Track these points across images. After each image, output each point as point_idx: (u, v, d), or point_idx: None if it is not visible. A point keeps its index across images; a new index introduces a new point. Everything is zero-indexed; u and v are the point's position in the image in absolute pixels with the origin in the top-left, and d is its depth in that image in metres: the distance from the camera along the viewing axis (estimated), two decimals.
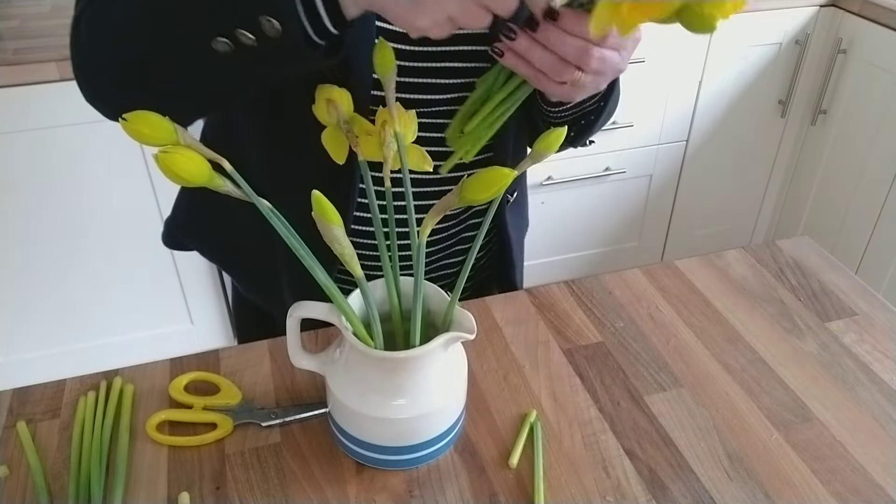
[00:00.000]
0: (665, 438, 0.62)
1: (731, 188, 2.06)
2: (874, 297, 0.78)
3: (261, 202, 0.48)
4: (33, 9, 1.56)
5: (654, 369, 0.69)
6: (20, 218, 1.48)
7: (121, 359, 1.70)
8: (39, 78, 1.33)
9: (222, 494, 0.57)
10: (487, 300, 0.77)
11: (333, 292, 0.52)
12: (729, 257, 0.85)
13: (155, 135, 0.44)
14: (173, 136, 0.45)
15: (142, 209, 1.54)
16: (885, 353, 0.71)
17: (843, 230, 1.89)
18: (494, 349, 0.71)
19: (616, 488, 0.58)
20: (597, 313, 0.76)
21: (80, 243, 1.55)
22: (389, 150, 0.54)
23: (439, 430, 0.57)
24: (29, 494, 0.57)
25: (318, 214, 0.45)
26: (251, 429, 0.62)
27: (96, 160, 1.45)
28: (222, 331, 1.80)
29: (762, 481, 0.59)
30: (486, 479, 0.59)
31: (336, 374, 0.57)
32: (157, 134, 0.44)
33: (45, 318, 1.62)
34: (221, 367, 0.69)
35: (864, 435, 0.63)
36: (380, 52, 0.53)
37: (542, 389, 0.67)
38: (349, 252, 0.48)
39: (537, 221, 1.96)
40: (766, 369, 0.69)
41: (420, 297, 0.53)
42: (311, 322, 0.57)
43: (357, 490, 0.57)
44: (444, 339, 0.52)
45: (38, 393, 0.66)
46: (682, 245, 2.13)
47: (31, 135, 1.39)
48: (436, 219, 0.50)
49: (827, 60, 1.85)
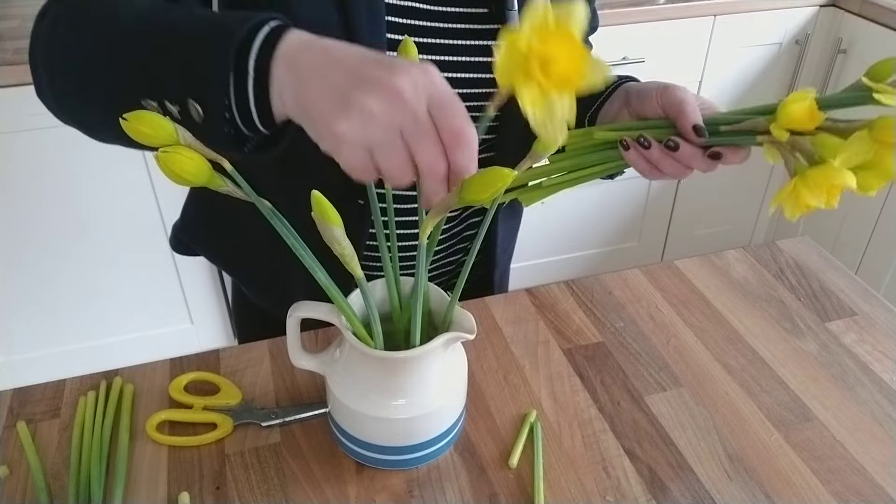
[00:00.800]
0: (665, 438, 0.62)
1: (731, 188, 2.06)
2: (874, 297, 0.78)
3: (261, 202, 0.48)
4: (33, 9, 1.55)
5: (654, 369, 0.69)
6: (20, 218, 1.48)
7: (121, 359, 1.70)
8: None
9: (222, 494, 0.57)
10: (487, 300, 0.77)
11: (333, 293, 0.52)
12: (729, 257, 0.85)
13: (155, 134, 0.44)
14: (174, 135, 0.45)
15: (142, 209, 1.54)
16: (885, 353, 0.71)
17: (843, 230, 1.89)
18: (494, 349, 0.71)
19: (616, 488, 0.58)
20: (597, 313, 0.76)
21: (80, 243, 1.55)
22: None
23: (439, 430, 0.57)
24: (29, 494, 0.57)
25: (318, 215, 0.45)
26: (251, 429, 0.62)
27: (96, 160, 1.45)
28: (222, 331, 1.80)
29: (762, 481, 0.59)
30: (486, 479, 0.59)
31: (336, 374, 0.57)
32: (158, 134, 0.44)
33: (45, 318, 1.62)
34: (221, 367, 0.69)
35: (864, 435, 0.63)
36: (404, 51, 0.53)
37: (542, 389, 0.67)
38: (349, 252, 0.48)
39: (537, 221, 1.96)
40: (766, 369, 0.69)
41: (421, 296, 0.53)
42: (311, 322, 0.57)
43: (357, 490, 0.57)
44: (444, 339, 0.52)
45: (38, 393, 0.66)
46: (682, 245, 2.13)
47: (31, 135, 1.39)
48: (436, 219, 0.50)
49: (827, 60, 1.85)
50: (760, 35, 1.80)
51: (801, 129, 0.48)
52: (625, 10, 1.62)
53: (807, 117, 0.47)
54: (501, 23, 0.67)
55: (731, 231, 2.17)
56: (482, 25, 0.67)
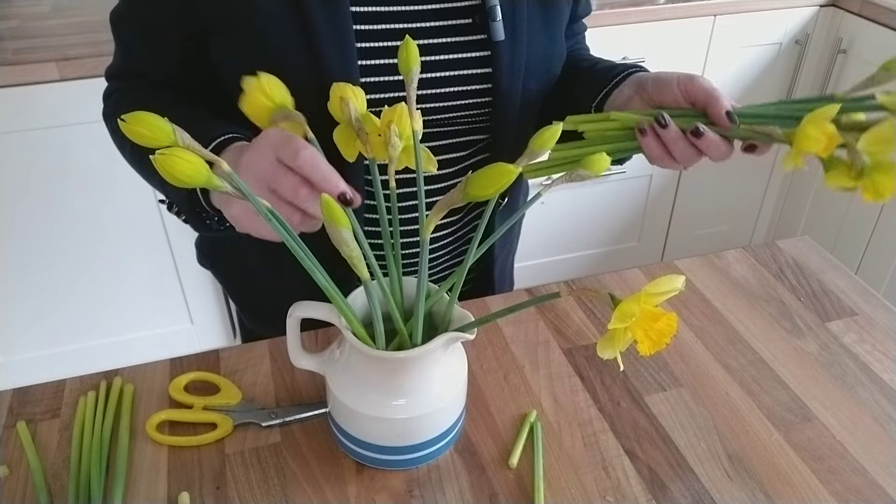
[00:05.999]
0: (665, 438, 0.62)
1: (731, 188, 2.06)
2: (874, 297, 0.78)
3: (258, 202, 0.48)
4: (33, 9, 1.55)
5: (654, 369, 0.69)
6: (19, 218, 1.48)
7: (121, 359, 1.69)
8: (39, 78, 1.33)
9: (222, 494, 0.57)
10: (487, 300, 0.77)
11: (333, 293, 0.52)
12: (729, 257, 0.85)
13: (153, 136, 0.44)
14: (171, 137, 0.45)
15: (142, 209, 1.54)
16: (885, 353, 0.71)
17: (843, 230, 1.89)
18: (494, 349, 0.71)
19: (616, 488, 0.58)
20: (597, 313, 0.76)
21: (80, 243, 1.55)
22: (395, 150, 0.54)
23: (439, 430, 0.57)
24: (29, 494, 0.57)
25: (328, 217, 0.45)
26: (251, 429, 0.62)
27: (96, 160, 1.45)
28: (222, 331, 1.80)
29: (762, 481, 0.59)
30: (486, 479, 0.59)
31: (336, 374, 0.57)
32: (156, 135, 0.44)
33: (45, 318, 1.62)
34: (221, 367, 0.69)
35: (864, 435, 0.63)
36: (404, 50, 0.53)
37: (542, 389, 0.67)
38: (357, 254, 0.48)
39: (537, 221, 1.96)
40: (766, 369, 0.69)
41: (423, 295, 0.53)
42: (311, 322, 0.57)
43: (357, 490, 0.57)
44: (444, 339, 0.52)
45: (38, 393, 0.66)
46: (682, 245, 2.13)
47: (31, 135, 1.39)
48: (439, 216, 0.50)
49: (827, 60, 1.85)
50: (760, 35, 1.80)
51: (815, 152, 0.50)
52: (625, 10, 1.62)
53: (822, 146, 0.49)
54: (485, 34, 0.66)
55: (731, 231, 2.17)
56: (465, 38, 0.67)
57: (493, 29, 0.65)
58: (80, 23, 1.47)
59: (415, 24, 0.65)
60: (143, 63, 0.71)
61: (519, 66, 0.68)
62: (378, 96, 0.64)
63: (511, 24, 0.66)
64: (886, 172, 0.47)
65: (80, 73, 1.33)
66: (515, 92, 0.69)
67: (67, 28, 1.45)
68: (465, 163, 0.74)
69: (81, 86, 1.34)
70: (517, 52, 0.67)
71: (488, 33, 0.66)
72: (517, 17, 0.67)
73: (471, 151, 0.74)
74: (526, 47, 0.68)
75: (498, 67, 0.67)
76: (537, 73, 0.70)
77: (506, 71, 0.67)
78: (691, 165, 0.59)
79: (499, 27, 0.65)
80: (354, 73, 0.63)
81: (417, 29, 0.65)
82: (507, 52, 0.67)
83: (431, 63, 0.66)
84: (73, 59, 1.32)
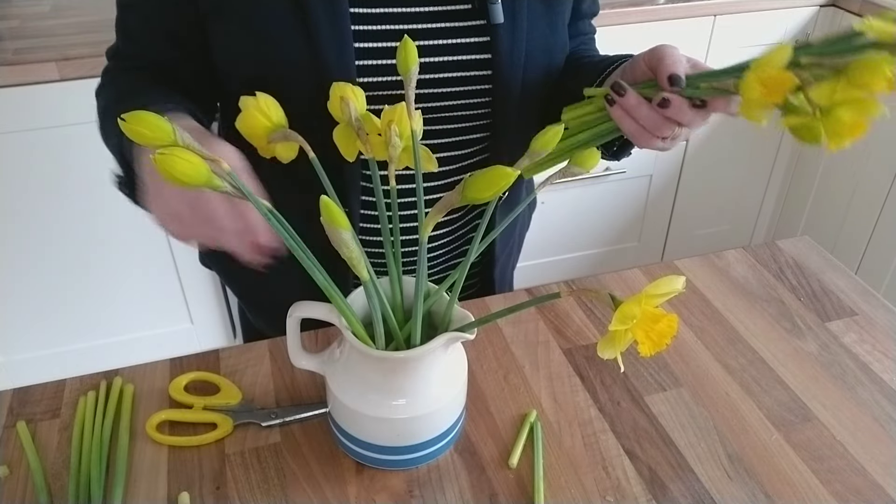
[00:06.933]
0: (665, 438, 0.62)
1: (731, 188, 2.06)
2: (874, 297, 0.78)
3: (258, 202, 0.48)
4: (33, 9, 1.55)
5: (654, 369, 0.69)
6: (20, 218, 1.48)
7: (121, 359, 1.69)
8: (39, 78, 1.33)
9: (222, 494, 0.57)
10: (487, 300, 0.77)
11: (333, 293, 0.52)
12: (729, 257, 0.85)
13: (153, 135, 0.44)
14: (171, 136, 0.45)
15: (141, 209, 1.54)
16: (885, 353, 0.71)
17: (843, 230, 1.89)
18: (494, 349, 0.71)
19: (616, 488, 0.58)
20: (597, 313, 0.76)
21: (80, 243, 1.55)
22: (395, 149, 0.54)
23: (439, 430, 0.57)
24: (29, 494, 0.57)
25: (327, 219, 0.45)
26: (251, 429, 0.62)
27: (96, 160, 1.44)
28: (222, 331, 1.80)
29: (762, 481, 0.59)
30: (486, 479, 0.59)
31: (336, 374, 0.57)
32: (156, 135, 0.44)
33: (45, 318, 1.62)
34: (221, 367, 0.69)
35: (864, 435, 0.63)
36: (403, 49, 0.53)
37: (542, 389, 0.67)
38: (357, 255, 0.48)
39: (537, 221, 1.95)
40: (766, 369, 0.69)
41: (422, 295, 0.53)
42: (311, 322, 0.57)
43: (357, 490, 0.57)
44: (444, 339, 0.52)
45: (38, 393, 0.66)
46: (682, 245, 2.13)
47: (31, 135, 1.39)
48: (438, 217, 0.50)
49: None
50: (760, 35, 1.80)
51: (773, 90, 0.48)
52: (625, 10, 1.62)
53: (763, 93, 0.47)
54: (484, 19, 0.66)
55: (731, 231, 2.17)
56: (464, 23, 0.67)
57: (492, 11, 0.65)
58: (80, 23, 1.47)
59: (413, 9, 0.65)
60: (142, 47, 0.71)
61: (519, 53, 0.68)
62: (376, 94, 0.64)
63: (511, 9, 0.66)
64: (855, 107, 0.45)
65: (80, 73, 1.33)
66: (516, 81, 0.69)
67: (67, 28, 1.45)
68: (465, 162, 0.74)
69: (81, 86, 1.34)
70: (517, 38, 0.67)
71: (487, 18, 0.66)
72: (517, 2, 0.67)
73: (471, 151, 0.74)
74: (526, 34, 0.68)
75: (497, 52, 0.67)
76: (538, 62, 0.70)
77: (506, 56, 0.67)
78: (671, 140, 0.57)
79: (498, 10, 0.65)
80: (352, 72, 0.63)
81: (416, 13, 0.65)
82: (507, 36, 0.66)
83: (431, 47, 0.66)
84: (73, 59, 1.32)
